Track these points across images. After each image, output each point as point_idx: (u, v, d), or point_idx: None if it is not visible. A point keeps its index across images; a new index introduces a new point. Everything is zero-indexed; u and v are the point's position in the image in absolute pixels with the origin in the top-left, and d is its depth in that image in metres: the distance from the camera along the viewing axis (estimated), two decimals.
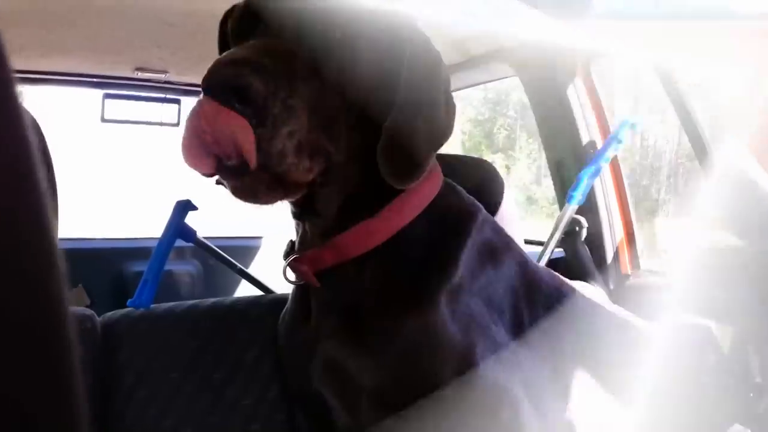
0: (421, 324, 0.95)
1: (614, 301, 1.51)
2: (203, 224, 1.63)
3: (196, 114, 0.79)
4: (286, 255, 1.09)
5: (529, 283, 1.12)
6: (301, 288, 1.12)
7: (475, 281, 1.01)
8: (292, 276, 1.08)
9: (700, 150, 1.83)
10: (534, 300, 1.12)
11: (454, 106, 1.03)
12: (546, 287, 1.16)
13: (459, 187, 1.12)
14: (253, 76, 0.76)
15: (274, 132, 0.78)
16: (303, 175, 0.85)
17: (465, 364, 0.94)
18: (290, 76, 0.81)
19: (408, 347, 0.95)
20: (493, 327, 1.00)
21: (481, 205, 1.12)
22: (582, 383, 1.12)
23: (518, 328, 1.06)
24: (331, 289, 1.02)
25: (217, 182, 0.89)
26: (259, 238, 3.25)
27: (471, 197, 1.12)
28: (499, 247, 1.09)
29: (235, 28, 0.94)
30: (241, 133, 0.76)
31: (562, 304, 1.16)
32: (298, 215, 1.04)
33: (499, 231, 1.12)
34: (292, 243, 1.12)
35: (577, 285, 1.30)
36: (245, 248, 3.07)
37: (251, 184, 0.82)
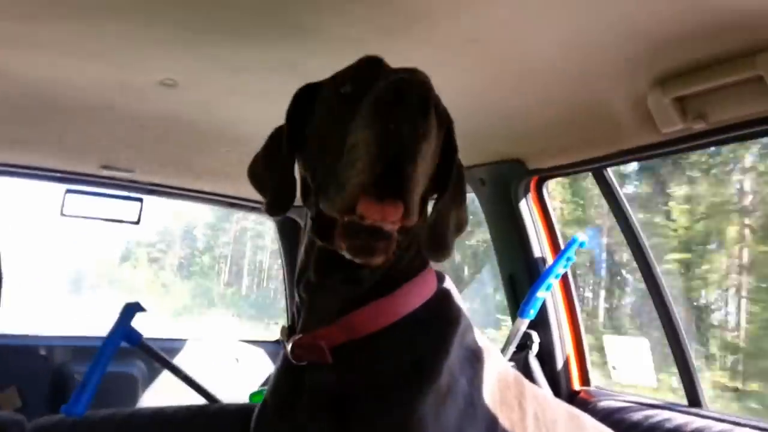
0: (404, 413, 0.98)
1: None
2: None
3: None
4: (287, 336, 1.13)
5: (504, 389, 1.17)
6: (291, 371, 1.12)
7: (458, 385, 1.06)
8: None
9: (642, 263, 1.92)
10: (510, 405, 1.15)
11: (467, 207, 1.21)
12: (522, 393, 1.20)
13: (451, 292, 1.19)
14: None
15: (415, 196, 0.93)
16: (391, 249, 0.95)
17: None
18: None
19: None
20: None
21: (464, 312, 1.18)
22: None
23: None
24: (329, 370, 1.05)
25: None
26: (207, 339, 3.18)
27: (458, 303, 1.18)
28: (479, 353, 1.15)
29: (349, 92, 1.03)
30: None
31: (543, 411, 1.19)
32: (314, 290, 1.09)
33: (479, 338, 1.18)
34: (287, 327, 1.17)
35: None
36: (192, 350, 3.00)
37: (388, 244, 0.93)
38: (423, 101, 0.89)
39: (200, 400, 1.83)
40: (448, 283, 1.21)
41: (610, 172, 1.94)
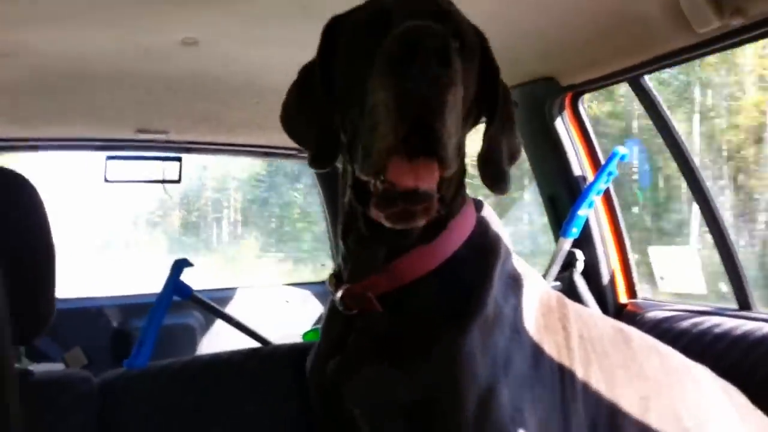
0: (453, 345, 0.99)
1: None
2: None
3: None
4: (335, 285, 1.13)
5: (548, 312, 1.17)
6: (339, 318, 1.14)
7: (503, 314, 1.07)
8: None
9: (686, 170, 1.87)
10: (554, 329, 1.16)
11: (518, 133, 1.15)
12: (566, 315, 1.20)
13: (488, 222, 1.17)
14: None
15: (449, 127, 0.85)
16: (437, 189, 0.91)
17: (486, 402, 0.98)
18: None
19: (439, 367, 0.99)
20: (515, 359, 1.05)
21: (503, 239, 1.17)
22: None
23: (538, 356, 1.10)
24: (380, 314, 1.05)
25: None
26: (257, 287, 3.28)
27: (496, 231, 1.17)
28: (520, 280, 1.16)
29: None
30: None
31: (588, 330, 1.20)
32: (362, 243, 1.06)
33: (518, 264, 1.18)
34: (335, 275, 1.16)
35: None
36: (242, 298, 3.11)
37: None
38: (440, 51, 0.80)
39: (255, 345, 1.92)
40: (486, 210, 1.20)
41: (648, 80, 1.86)
